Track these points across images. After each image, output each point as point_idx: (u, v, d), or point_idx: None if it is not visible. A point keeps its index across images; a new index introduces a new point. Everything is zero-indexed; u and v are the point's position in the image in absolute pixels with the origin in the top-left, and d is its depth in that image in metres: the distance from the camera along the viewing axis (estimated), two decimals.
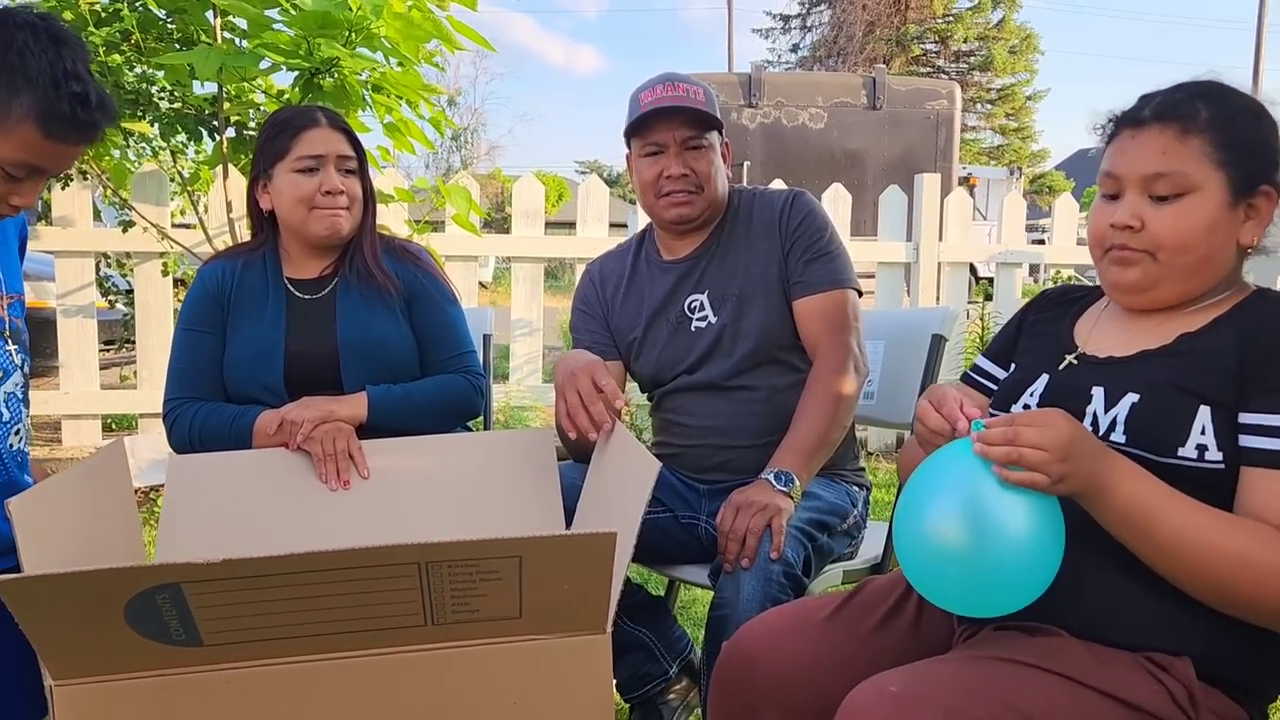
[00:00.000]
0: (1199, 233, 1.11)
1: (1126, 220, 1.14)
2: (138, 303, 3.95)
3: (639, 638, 1.87)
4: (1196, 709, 1.02)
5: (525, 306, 4.43)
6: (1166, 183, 1.12)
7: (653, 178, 1.80)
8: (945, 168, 8.19)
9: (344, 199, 1.81)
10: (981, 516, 1.01)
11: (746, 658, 1.26)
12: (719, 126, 1.82)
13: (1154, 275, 1.15)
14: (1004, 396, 1.29)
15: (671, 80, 1.78)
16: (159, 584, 0.89)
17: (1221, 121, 1.11)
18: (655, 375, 1.90)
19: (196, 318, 1.84)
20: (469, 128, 32.49)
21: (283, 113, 1.85)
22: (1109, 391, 1.14)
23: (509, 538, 0.97)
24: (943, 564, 1.03)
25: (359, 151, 1.86)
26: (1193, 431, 1.06)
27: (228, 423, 1.74)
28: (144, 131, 3.37)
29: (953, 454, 1.07)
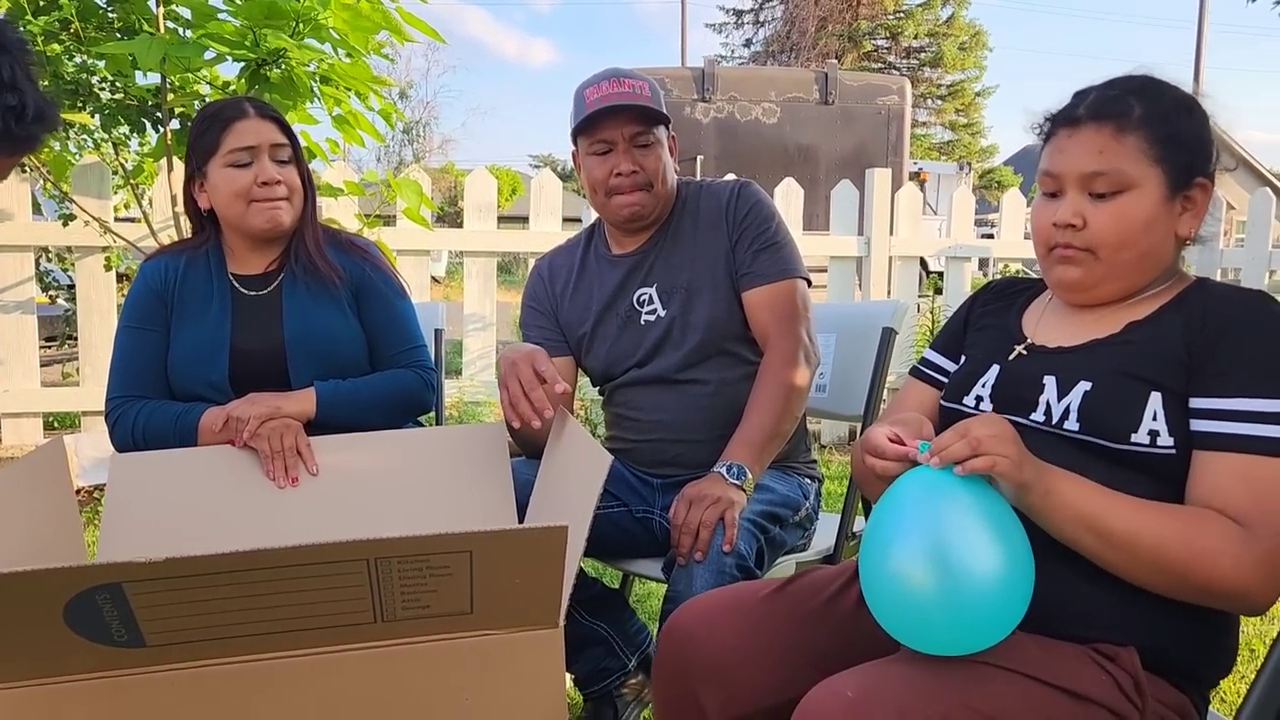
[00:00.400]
0: (1138, 228, 1.13)
1: (1068, 219, 1.16)
2: (79, 298, 3.86)
3: (598, 632, 1.86)
4: (1143, 697, 1.04)
5: (478, 301, 4.41)
6: (1105, 181, 1.13)
7: (602, 176, 1.79)
8: (896, 163, 8.26)
9: (282, 189, 1.76)
10: (949, 558, 0.98)
11: (685, 635, 1.27)
12: (666, 121, 1.82)
13: (1097, 273, 1.17)
14: (956, 388, 1.30)
15: (617, 76, 1.76)
16: (99, 584, 0.87)
17: (1156, 118, 1.13)
18: (606, 370, 1.89)
19: (139, 315, 1.80)
20: (421, 121, 32.19)
21: (209, 107, 1.79)
22: (1060, 380, 1.16)
23: (459, 533, 0.96)
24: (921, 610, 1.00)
25: (293, 139, 1.81)
26: (1145, 418, 1.08)
27: (172, 421, 1.71)
28: (84, 123, 3.29)
29: (910, 493, 1.04)
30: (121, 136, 3.59)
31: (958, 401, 1.28)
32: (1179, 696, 1.09)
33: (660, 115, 1.78)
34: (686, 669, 1.25)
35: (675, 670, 1.27)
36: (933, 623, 0.99)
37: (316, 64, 2.80)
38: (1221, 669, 1.14)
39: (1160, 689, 1.07)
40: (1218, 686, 1.16)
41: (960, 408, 1.27)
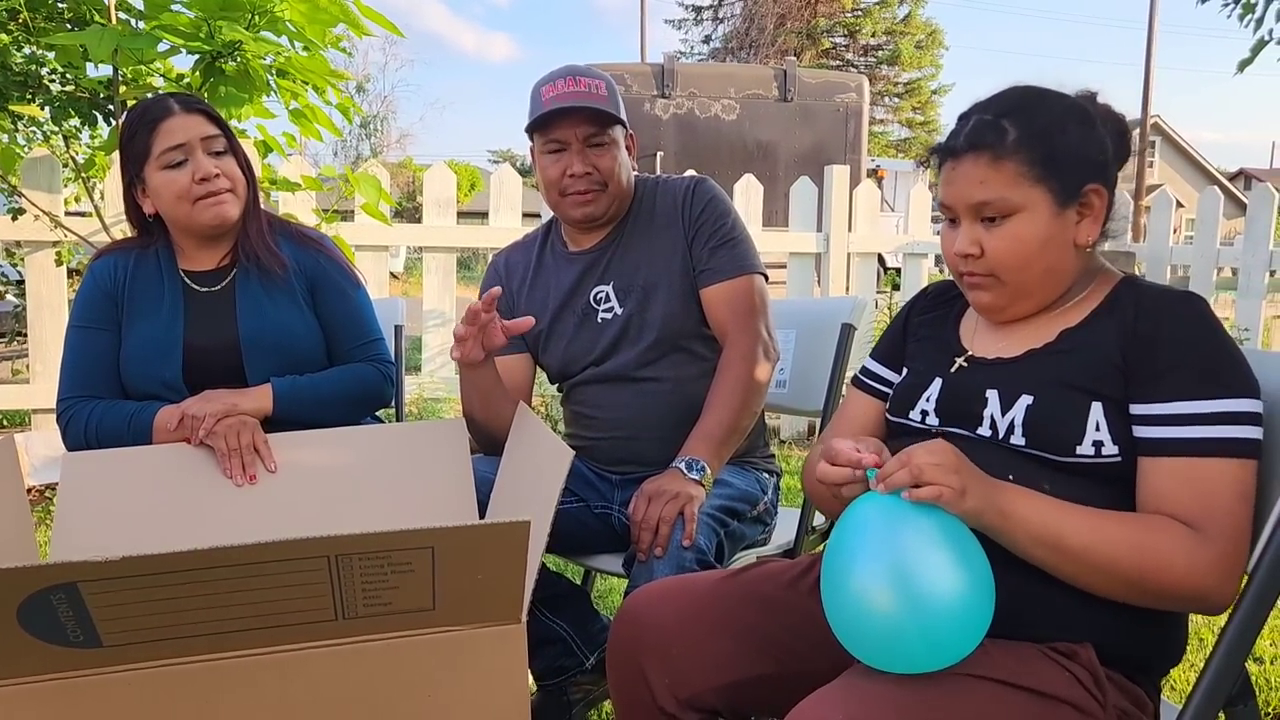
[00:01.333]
0: (1033, 249, 1.15)
1: (965, 249, 1.19)
2: (29, 294, 3.78)
3: (557, 630, 1.86)
4: (1103, 690, 1.06)
5: (438, 297, 4.38)
6: (991, 208, 1.15)
7: (556, 176, 1.78)
8: (854, 160, 8.33)
9: (223, 181, 1.73)
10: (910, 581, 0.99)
11: (635, 617, 1.28)
12: (622, 122, 1.81)
13: (1004, 294, 1.20)
14: (900, 402, 1.31)
15: (574, 74, 1.75)
16: (53, 584, 0.86)
17: (1029, 139, 1.14)
18: (563, 368, 1.89)
19: (89, 315, 1.76)
20: (379, 115, 31.86)
21: (134, 110, 1.74)
22: (1003, 394, 1.17)
23: (421, 529, 0.96)
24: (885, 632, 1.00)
25: (224, 129, 1.76)
26: (1088, 428, 1.10)
27: (125, 420, 1.68)
28: (34, 115, 3.22)
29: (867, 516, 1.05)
30: (72, 129, 3.52)
31: (904, 416, 1.29)
32: (1133, 688, 1.11)
33: (613, 117, 1.76)
34: (636, 649, 1.27)
35: (626, 651, 1.28)
36: (898, 644, 1.00)
37: (273, 57, 2.77)
38: (1172, 660, 1.16)
39: (1117, 681, 1.09)
40: (1169, 675, 1.19)
41: (907, 422, 1.28)
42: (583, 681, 1.92)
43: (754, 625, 1.25)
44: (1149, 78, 20.86)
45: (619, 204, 1.83)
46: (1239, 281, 5.21)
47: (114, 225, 3.43)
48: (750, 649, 1.23)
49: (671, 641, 1.24)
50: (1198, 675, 1.08)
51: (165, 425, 1.65)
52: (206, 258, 1.81)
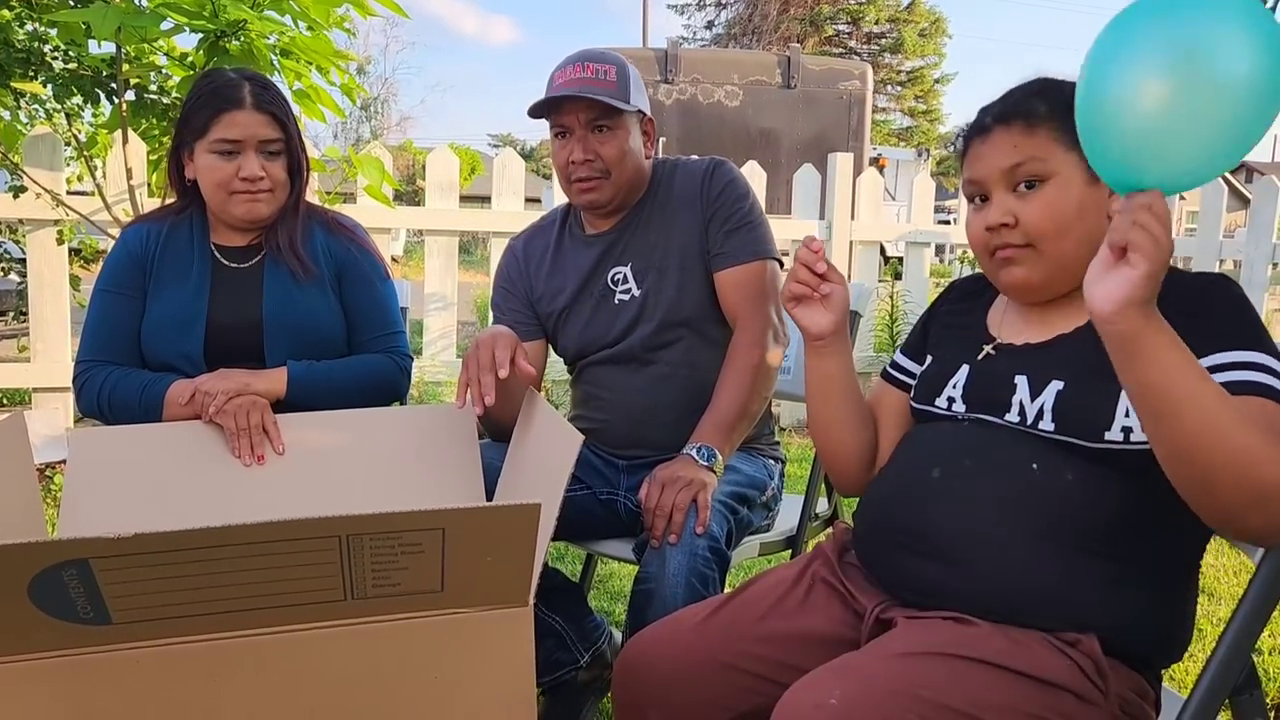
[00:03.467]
0: (1071, 214, 1.14)
1: (1000, 219, 1.17)
2: (31, 272, 3.77)
3: (552, 625, 1.85)
4: (1105, 680, 1.06)
5: (440, 281, 4.37)
6: (1025, 170, 1.15)
7: (561, 162, 1.77)
8: (857, 148, 8.30)
9: (265, 183, 1.73)
10: None
11: (629, 669, 1.29)
12: (636, 107, 1.78)
13: (1041, 268, 1.17)
14: (925, 389, 1.31)
15: (585, 60, 1.74)
16: (65, 560, 0.86)
17: (1062, 108, 1.12)
18: (579, 350, 1.89)
19: (116, 279, 1.76)
20: (380, 98, 31.76)
21: (208, 82, 1.74)
22: (1033, 380, 1.16)
23: (432, 510, 0.96)
24: None
25: (287, 129, 1.76)
26: (1118, 414, 1.08)
27: (139, 390, 1.68)
28: (36, 92, 3.21)
29: None
30: (75, 107, 3.51)
31: (929, 403, 1.28)
32: (1135, 677, 1.11)
33: (614, 108, 1.72)
34: (639, 700, 1.28)
35: (629, 703, 1.30)
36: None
37: (277, 37, 2.76)
38: (1176, 654, 1.16)
39: (1118, 671, 1.09)
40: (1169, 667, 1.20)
41: (931, 409, 1.28)
42: (583, 676, 1.91)
43: (745, 654, 1.24)
44: None
45: (627, 192, 1.82)
46: (1242, 274, 5.22)
47: (115, 204, 3.42)
48: (745, 680, 1.23)
49: (665, 690, 1.24)
50: (1203, 664, 1.08)
51: (177, 399, 1.65)
52: (238, 236, 1.82)
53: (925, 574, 1.15)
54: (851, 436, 1.38)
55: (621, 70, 1.76)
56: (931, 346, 1.37)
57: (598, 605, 2.65)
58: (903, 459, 1.28)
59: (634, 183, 1.82)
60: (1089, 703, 1.05)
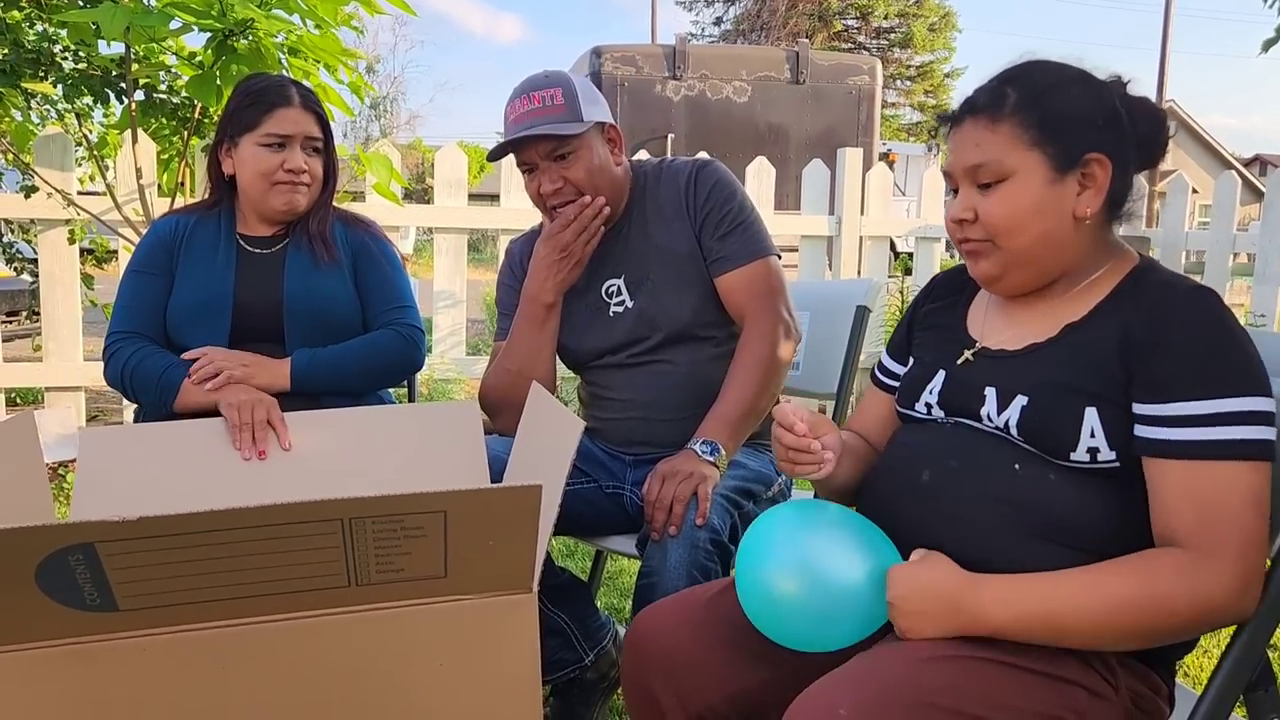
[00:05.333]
0: (1026, 214, 1.13)
1: (960, 214, 1.18)
2: (42, 272, 3.79)
3: (557, 622, 1.84)
4: (1115, 673, 1.06)
5: (449, 278, 4.38)
6: (986, 171, 1.15)
7: (534, 195, 1.77)
8: (866, 143, 8.26)
9: (306, 177, 1.86)
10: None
11: (638, 644, 1.29)
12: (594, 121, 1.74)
13: (1001, 262, 1.17)
14: (906, 394, 1.31)
15: (528, 91, 1.71)
16: (72, 544, 0.87)
17: (1027, 102, 1.13)
18: (577, 358, 1.89)
19: (146, 261, 1.87)
20: (389, 96, 31.82)
21: (257, 82, 1.87)
22: (1000, 393, 1.16)
23: (434, 492, 0.97)
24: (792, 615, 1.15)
25: (327, 130, 1.91)
26: (1082, 435, 1.07)
27: (160, 371, 1.76)
28: (46, 92, 3.23)
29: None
30: (85, 107, 3.53)
31: (910, 408, 1.29)
32: (1147, 671, 1.10)
33: (563, 137, 1.70)
34: (645, 674, 1.28)
35: (636, 676, 1.30)
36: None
37: (285, 35, 2.77)
38: (1186, 646, 1.15)
39: (1129, 666, 1.08)
40: (1181, 660, 1.19)
41: (912, 414, 1.28)
42: (589, 675, 1.91)
43: (745, 640, 1.23)
44: (1164, 62, 20.68)
45: (609, 205, 1.80)
46: (1255, 267, 5.18)
47: (126, 204, 3.44)
48: (750, 655, 1.23)
49: (676, 660, 1.25)
50: (1217, 660, 1.07)
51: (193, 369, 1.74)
52: (264, 228, 1.92)
53: None
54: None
55: (568, 90, 1.72)
56: (915, 348, 1.37)
57: (607, 602, 2.65)
58: (892, 461, 1.29)
59: (612, 195, 1.79)
60: (1101, 698, 1.04)
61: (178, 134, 3.34)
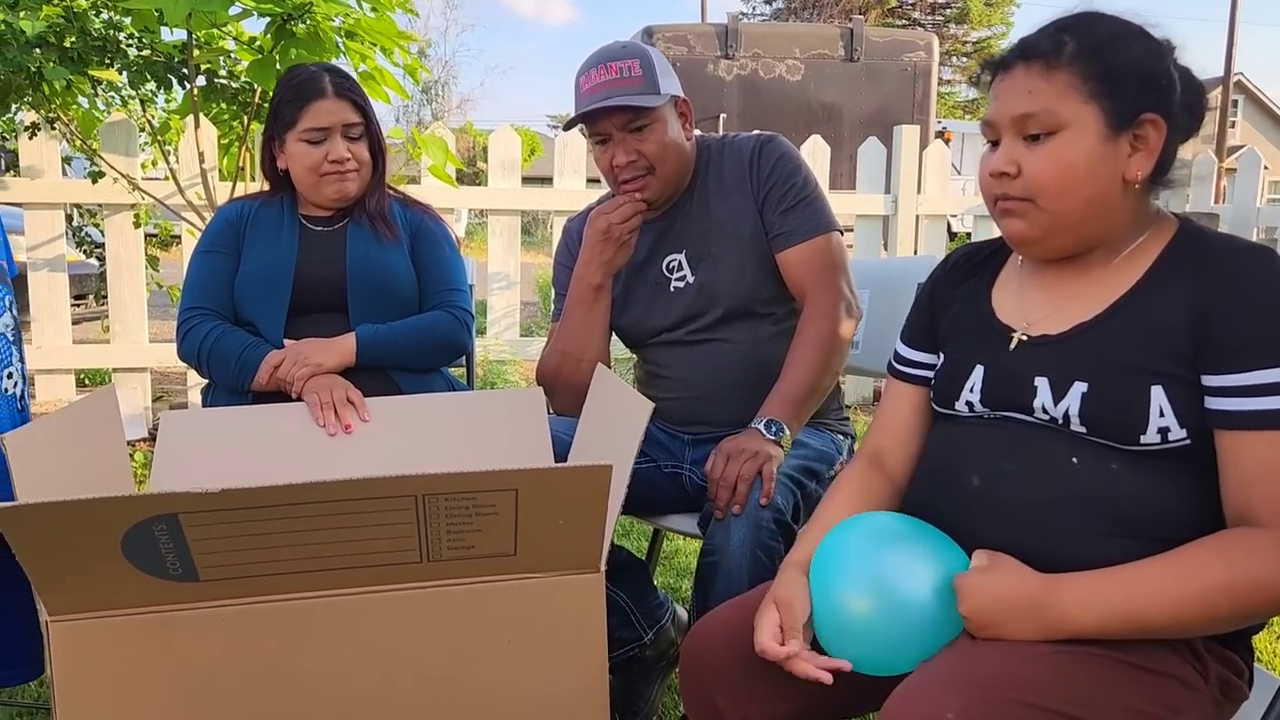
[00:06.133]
0: (1077, 172, 1.06)
1: (1001, 167, 1.09)
2: (109, 255, 3.88)
3: (616, 601, 1.84)
4: (1204, 664, 1.03)
5: (503, 260, 4.40)
6: (1036, 122, 1.07)
7: (605, 166, 1.76)
8: (922, 120, 8.13)
9: (351, 163, 1.89)
10: None
11: (696, 655, 1.25)
12: (671, 94, 1.74)
13: (1040, 224, 1.10)
14: (943, 394, 1.23)
15: (605, 60, 1.70)
16: (156, 514, 0.89)
17: (1088, 51, 1.06)
18: (637, 335, 1.89)
19: (214, 241, 1.93)
20: (440, 80, 32.01)
21: (293, 77, 1.91)
22: (1054, 382, 1.09)
23: (505, 470, 0.97)
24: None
25: (365, 112, 1.92)
26: (1151, 416, 1.02)
27: (239, 350, 1.81)
28: (112, 79, 3.30)
29: None
30: (148, 93, 3.59)
31: (949, 407, 1.21)
32: (1231, 656, 1.07)
33: (641, 109, 1.69)
34: (705, 685, 1.23)
35: (695, 683, 1.25)
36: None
37: (342, 19, 2.79)
38: (1260, 625, 1.12)
39: (1215, 652, 1.05)
40: None
41: (953, 413, 1.21)
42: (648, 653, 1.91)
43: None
44: (1233, 33, 20.05)
45: (675, 181, 1.79)
46: None
47: (188, 187, 3.51)
48: None
49: (731, 678, 1.19)
50: None
51: (268, 367, 1.78)
52: (324, 211, 1.98)
53: None
54: None
55: (645, 61, 1.71)
56: (942, 341, 1.28)
57: (664, 582, 2.66)
58: (937, 464, 1.22)
59: (680, 171, 1.79)
60: (1193, 689, 1.01)
61: (238, 118, 3.39)
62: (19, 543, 0.91)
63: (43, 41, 2.91)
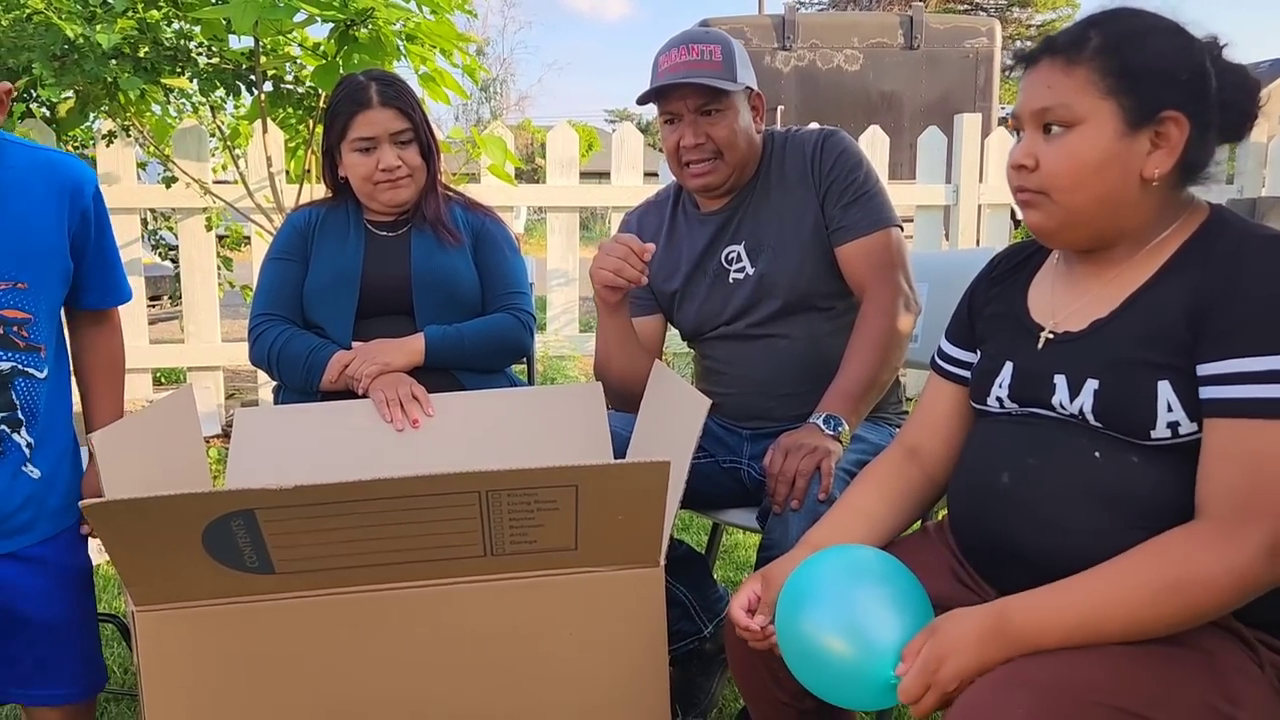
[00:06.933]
0: (1089, 168, 1.06)
1: (1020, 159, 1.11)
2: (182, 258, 4.00)
3: (676, 594, 1.86)
4: (1257, 651, 1.02)
5: (561, 257, 4.43)
6: (1053, 116, 1.07)
7: (672, 147, 1.78)
8: (985, 108, 7.97)
9: (402, 170, 1.92)
10: None
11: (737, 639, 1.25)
12: (745, 85, 1.77)
13: (1055, 216, 1.10)
14: (976, 390, 1.25)
15: (688, 42, 1.73)
16: (235, 510, 0.93)
17: (1110, 48, 1.06)
18: (696, 328, 1.90)
19: (284, 248, 1.99)
20: (498, 78, 32.27)
21: (340, 89, 1.95)
22: (1070, 379, 1.10)
23: (566, 466, 0.99)
24: None
25: (413, 118, 1.94)
26: (1159, 411, 1.02)
27: (306, 352, 1.86)
28: (183, 87, 3.40)
29: None
30: (218, 100, 3.70)
31: (982, 403, 1.23)
32: (1274, 640, 1.05)
33: (722, 90, 1.71)
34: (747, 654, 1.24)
35: (739, 654, 1.27)
36: None
37: (403, 23, 2.85)
38: None
39: (1265, 641, 1.04)
40: None
41: (986, 409, 1.22)
42: (708, 646, 1.93)
43: None
44: None
45: (740, 170, 1.80)
46: None
47: (257, 190, 3.60)
48: None
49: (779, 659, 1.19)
50: None
51: (337, 364, 1.84)
52: (388, 216, 2.02)
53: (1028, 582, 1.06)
54: None
55: (727, 48, 1.74)
56: (979, 339, 1.30)
57: (722, 576, 2.67)
58: (970, 462, 1.23)
59: (746, 161, 1.80)
60: (1251, 679, 0.99)
61: (303, 122, 3.47)
62: (107, 536, 0.95)
63: (118, 53, 3.01)
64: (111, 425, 1.24)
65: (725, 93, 1.72)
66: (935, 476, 1.32)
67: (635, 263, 1.61)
